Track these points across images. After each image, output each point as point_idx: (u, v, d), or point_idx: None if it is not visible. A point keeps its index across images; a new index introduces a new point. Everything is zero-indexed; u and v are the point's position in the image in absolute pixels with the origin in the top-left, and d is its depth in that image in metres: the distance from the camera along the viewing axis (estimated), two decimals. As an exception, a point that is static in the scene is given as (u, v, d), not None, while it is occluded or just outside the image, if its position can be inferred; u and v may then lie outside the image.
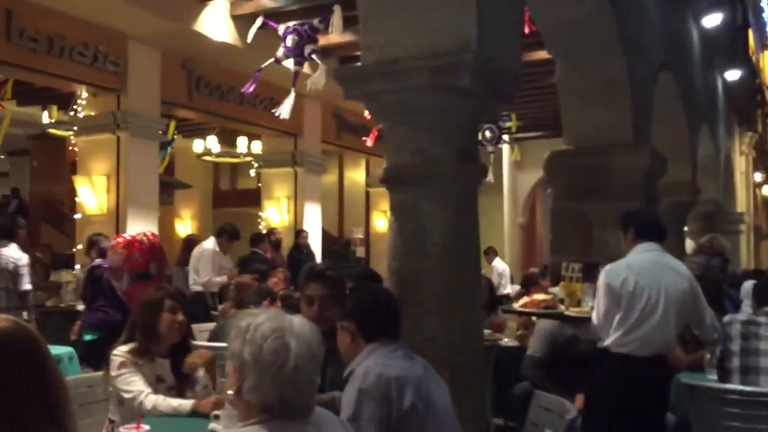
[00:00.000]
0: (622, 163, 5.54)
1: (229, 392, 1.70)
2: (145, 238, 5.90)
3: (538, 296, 4.64)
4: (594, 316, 3.59)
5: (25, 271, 6.16)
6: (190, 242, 8.98)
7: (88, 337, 5.62)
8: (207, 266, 7.72)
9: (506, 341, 5.46)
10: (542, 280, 7.29)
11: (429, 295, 3.27)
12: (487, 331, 5.43)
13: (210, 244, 7.83)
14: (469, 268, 3.45)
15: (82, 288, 6.50)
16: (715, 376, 3.65)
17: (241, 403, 1.67)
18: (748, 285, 5.60)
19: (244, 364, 1.64)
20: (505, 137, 11.87)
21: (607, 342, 3.46)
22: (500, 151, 13.71)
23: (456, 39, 3.28)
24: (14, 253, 6.13)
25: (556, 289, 4.76)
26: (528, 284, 7.43)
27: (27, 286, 6.15)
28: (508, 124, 11.53)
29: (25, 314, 5.85)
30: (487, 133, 11.05)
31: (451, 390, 3.00)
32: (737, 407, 3.31)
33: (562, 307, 4.37)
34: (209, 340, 4.72)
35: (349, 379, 2.41)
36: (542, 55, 7.56)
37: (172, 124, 10.28)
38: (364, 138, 10.56)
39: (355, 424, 2.23)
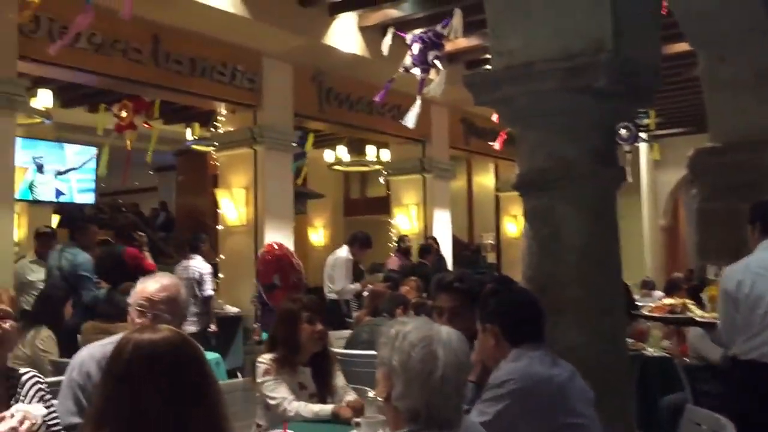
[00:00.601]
0: (776, 160, 5.12)
1: (379, 398, 1.72)
2: (269, 250, 6.13)
3: (668, 301, 4.39)
4: (719, 322, 3.36)
5: (208, 279, 7.33)
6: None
7: (265, 336, 6.05)
8: (341, 274, 7.89)
9: (651, 351, 5.19)
10: (685, 284, 6.91)
11: (567, 303, 3.16)
12: (629, 341, 5.20)
13: (343, 252, 8.01)
14: (610, 273, 3.31)
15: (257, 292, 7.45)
16: None
17: (390, 410, 1.69)
18: None
19: (393, 371, 1.66)
20: (643, 135, 11.34)
21: (734, 349, 3.22)
22: (637, 150, 13.12)
23: (590, 39, 3.16)
24: (199, 264, 7.35)
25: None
26: (671, 289, 7.05)
27: (209, 292, 7.36)
28: (645, 121, 11.01)
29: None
30: (623, 132, 10.59)
31: (595, 401, 2.89)
32: None
33: (697, 312, 4.12)
34: (345, 348, 4.82)
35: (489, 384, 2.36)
36: (682, 47, 7.17)
37: (311, 136, 10.62)
38: (491, 143, 10.45)
39: (504, 426, 2.18)
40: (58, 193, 10.40)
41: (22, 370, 2.46)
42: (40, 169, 9.89)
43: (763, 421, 3.09)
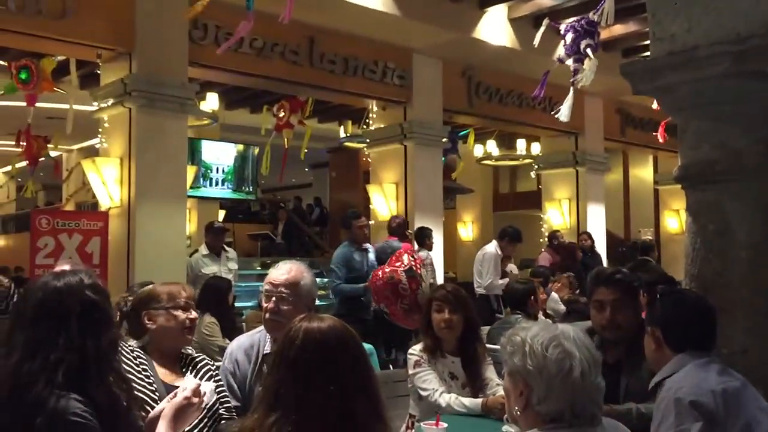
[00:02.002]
0: None
1: (516, 409, 1.69)
2: (373, 279, 6.10)
3: None
4: None
5: None
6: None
7: None
8: (489, 269, 7.84)
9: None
10: None
11: (735, 304, 2.95)
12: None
13: (492, 247, 7.94)
14: (786, 274, 3.05)
15: None
16: None
17: (531, 418, 1.66)
18: None
19: (530, 376, 1.64)
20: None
21: None
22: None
23: (762, 19, 2.93)
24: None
25: None
26: None
27: None
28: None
29: None
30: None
31: (768, 411, 2.68)
32: None
33: None
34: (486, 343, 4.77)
35: (656, 390, 2.26)
36: None
37: (472, 132, 10.62)
38: (653, 133, 9.94)
39: None
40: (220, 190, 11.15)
41: (196, 355, 2.68)
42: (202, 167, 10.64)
43: None
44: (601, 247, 10.71)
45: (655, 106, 6.90)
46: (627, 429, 1.85)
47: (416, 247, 7.73)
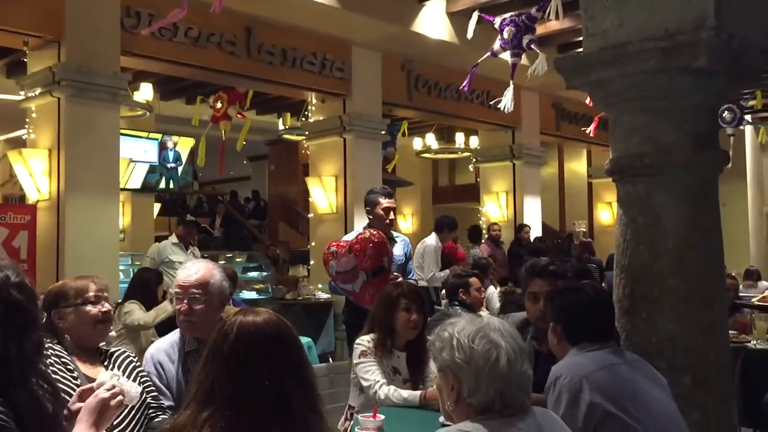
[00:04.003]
0: None
1: (448, 404, 1.71)
2: (374, 234, 6.10)
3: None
4: None
5: None
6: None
7: None
8: (430, 262, 7.89)
9: (755, 343, 4.95)
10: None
11: (664, 293, 3.05)
12: (731, 333, 4.97)
13: (432, 240, 8.00)
14: (711, 263, 3.16)
15: None
16: None
17: (462, 411, 1.68)
18: None
19: (459, 370, 1.67)
20: (748, 118, 10.75)
21: None
22: (742, 133, 12.47)
23: (690, 16, 3.01)
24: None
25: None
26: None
27: None
28: (751, 102, 10.43)
29: None
30: (726, 114, 10.08)
31: (693, 395, 2.78)
32: None
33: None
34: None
35: None
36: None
37: (404, 124, 10.66)
38: (584, 128, 10.18)
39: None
40: (156, 183, 10.91)
41: (116, 348, 2.63)
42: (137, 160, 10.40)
43: None
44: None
45: (588, 101, 7.07)
46: (556, 416, 1.89)
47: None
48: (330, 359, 7.70)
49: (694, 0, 3.01)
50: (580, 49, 3.54)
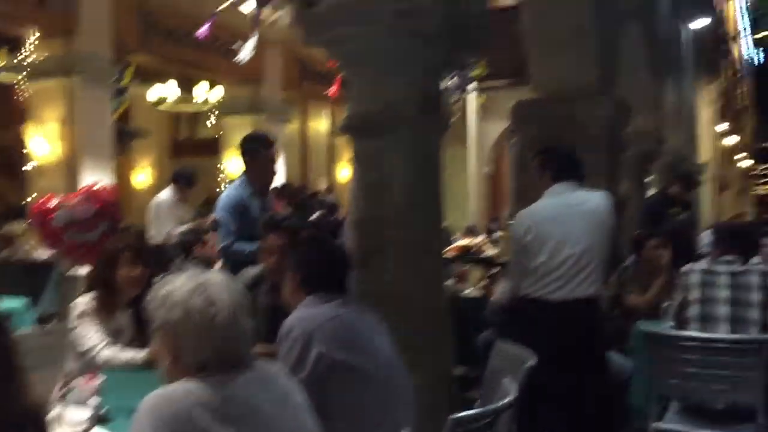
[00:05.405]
0: (587, 112, 5.50)
1: (166, 364, 1.64)
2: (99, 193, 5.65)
3: (463, 242, 4.69)
4: (511, 264, 3.63)
5: None
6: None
7: None
8: (166, 217, 7.53)
9: (469, 291, 5.48)
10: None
11: (391, 243, 3.22)
12: (450, 282, 5.45)
13: (166, 194, 7.60)
14: (431, 216, 3.40)
15: None
16: (673, 324, 3.69)
17: (180, 371, 1.61)
18: (706, 235, 5.68)
19: (175, 328, 1.60)
20: (472, 85, 11.74)
21: (523, 290, 3.47)
22: (465, 100, 13.60)
23: (421, -19, 3.15)
24: None
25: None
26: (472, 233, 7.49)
27: None
28: (474, 72, 11.38)
29: None
30: (453, 81, 10.90)
31: (413, 341, 2.98)
32: (695, 354, 3.36)
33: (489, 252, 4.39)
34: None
35: None
36: (509, 1, 7.44)
37: (130, 70, 9.93)
38: (325, 91, 10.36)
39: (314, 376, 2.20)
40: None
41: None
42: None
43: (551, 352, 3.14)
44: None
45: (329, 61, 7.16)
46: (283, 367, 1.91)
47: None
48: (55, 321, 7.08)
49: (425, -33, 3.15)
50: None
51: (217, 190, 10.82)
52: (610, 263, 3.62)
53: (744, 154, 28.18)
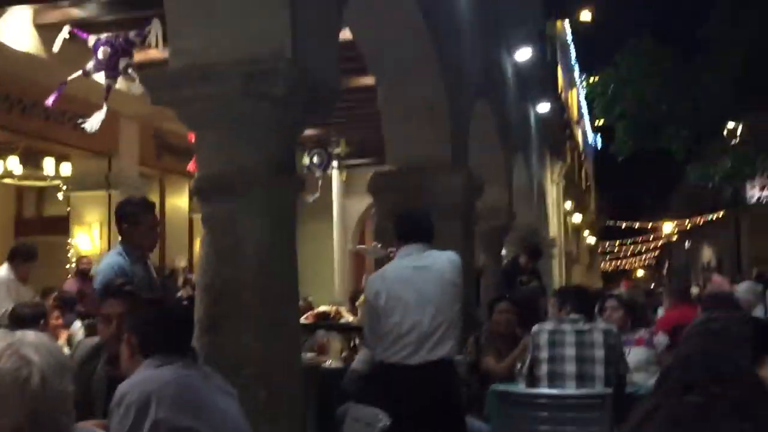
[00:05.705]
0: (441, 183, 5.70)
1: None
2: None
3: (321, 309, 4.72)
4: (365, 329, 3.61)
5: None
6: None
7: None
8: (3, 298, 6.92)
9: (330, 363, 5.36)
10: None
11: (244, 309, 3.10)
12: (310, 354, 5.31)
13: (3, 271, 7.02)
14: (287, 283, 3.32)
15: None
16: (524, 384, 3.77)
17: None
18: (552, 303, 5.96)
19: None
20: (335, 163, 11.91)
21: (378, 354, 3.43)
22: (330, 177, 13.75)
23: (270, 46, 3.18)
24: None
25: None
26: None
27: None
28: (337, 149, 11.58)
29: None
30: (316, 158, 11.03)
31: (267, 409, 2.85)
32: (546, 411, 3.43)
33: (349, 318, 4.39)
34: None
35: None
36: (370, 81, 7.66)
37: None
38: (186, 165, 10.13)
39: None
40: None
41: None
42: None
43: (407, 414, 3.12)
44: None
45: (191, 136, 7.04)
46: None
47: None
48: None
49: (272, 32, 3.19)
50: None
51: (67, 266, 10.17)
52: (464, 324, 3.65)
53: (587, 231, 30.13)
